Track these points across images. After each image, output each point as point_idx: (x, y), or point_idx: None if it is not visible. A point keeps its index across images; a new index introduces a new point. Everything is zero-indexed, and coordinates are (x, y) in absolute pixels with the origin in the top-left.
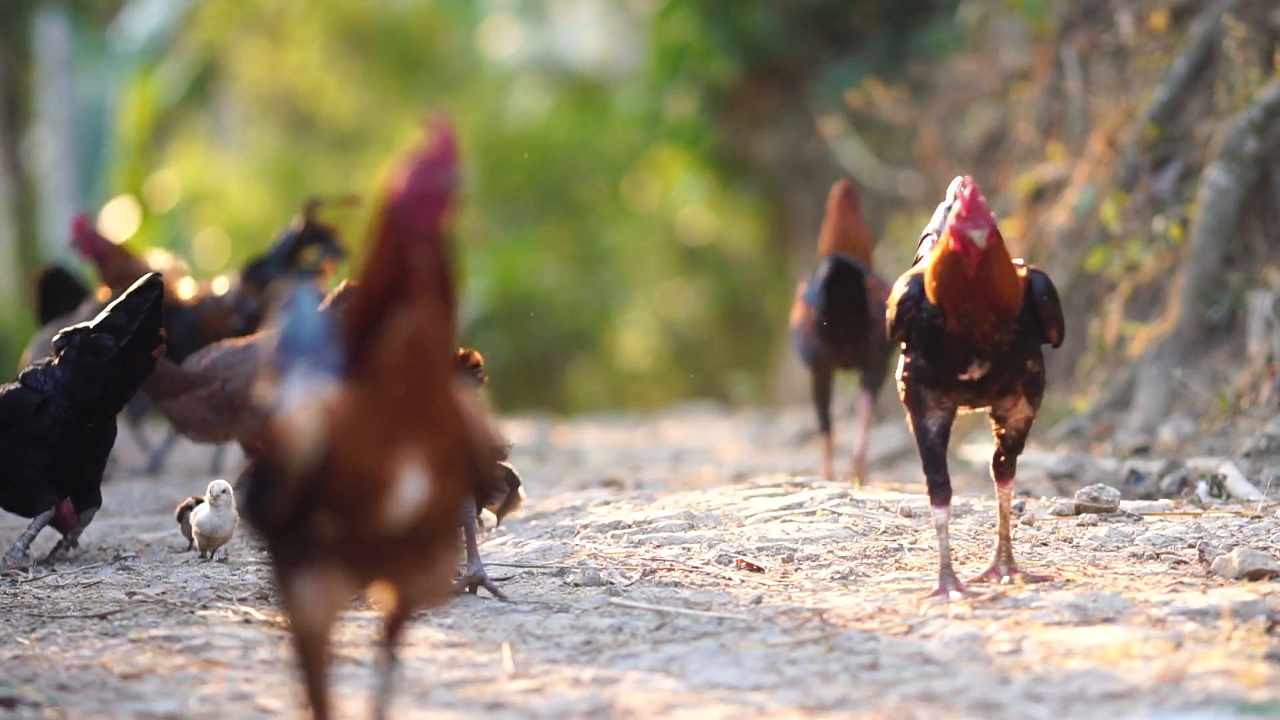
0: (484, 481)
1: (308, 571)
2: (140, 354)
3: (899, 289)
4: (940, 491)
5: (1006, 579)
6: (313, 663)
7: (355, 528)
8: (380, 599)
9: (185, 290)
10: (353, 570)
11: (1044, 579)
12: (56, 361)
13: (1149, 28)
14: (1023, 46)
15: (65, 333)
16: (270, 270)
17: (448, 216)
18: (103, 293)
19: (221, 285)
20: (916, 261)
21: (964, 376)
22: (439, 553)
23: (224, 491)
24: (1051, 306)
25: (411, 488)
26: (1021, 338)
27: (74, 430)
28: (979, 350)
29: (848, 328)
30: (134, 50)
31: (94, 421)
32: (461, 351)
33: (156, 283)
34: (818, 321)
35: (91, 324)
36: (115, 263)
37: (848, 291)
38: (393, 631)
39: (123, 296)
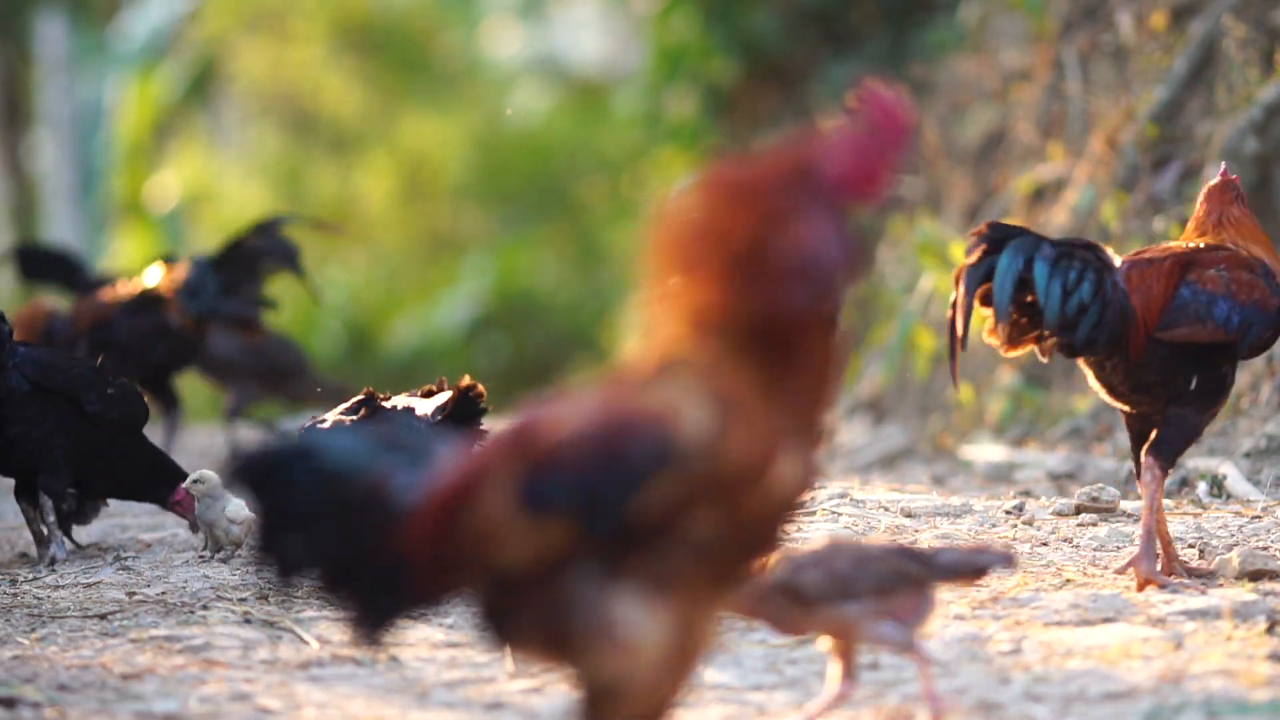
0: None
1: (661, 593)
2: None
3: (1222, 315)
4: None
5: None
6: None
7: (736, 519)
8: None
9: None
10: (720, 580)
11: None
12: None
13: (1149, 28)
14: (1023, 46)
15: None
16: (201, 272)
17: (878, 197)
18: None
19: (147, 278)
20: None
21: None
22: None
23: (195, 481)
24: None
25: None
26: None
27: None
28: None
29: None
30: (134, 50)
31: None
32: (467, 381)
33: None
34: None
35: None
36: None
37: None
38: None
39: None
